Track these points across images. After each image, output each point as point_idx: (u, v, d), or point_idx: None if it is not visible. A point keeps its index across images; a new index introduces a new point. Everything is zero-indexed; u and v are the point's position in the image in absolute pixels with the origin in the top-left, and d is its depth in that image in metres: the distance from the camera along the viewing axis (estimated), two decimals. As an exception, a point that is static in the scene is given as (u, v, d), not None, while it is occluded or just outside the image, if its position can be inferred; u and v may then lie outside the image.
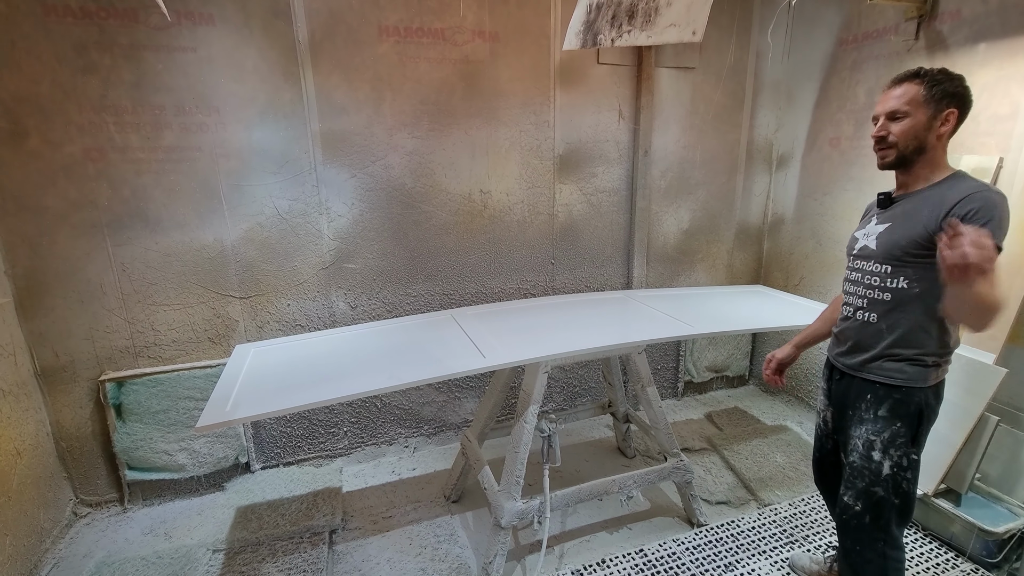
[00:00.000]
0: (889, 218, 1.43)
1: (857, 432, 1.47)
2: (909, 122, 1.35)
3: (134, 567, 2.03)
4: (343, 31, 2.28)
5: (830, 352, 1.62)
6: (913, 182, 1.42)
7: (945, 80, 1.34)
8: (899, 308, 1.39)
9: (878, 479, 1.42)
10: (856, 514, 1.46)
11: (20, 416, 2.04)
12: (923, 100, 1.33)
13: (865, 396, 1.46)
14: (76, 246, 2.12)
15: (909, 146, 1.36)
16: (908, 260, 1.36)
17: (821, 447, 1.73)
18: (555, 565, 2.04)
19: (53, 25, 1.93)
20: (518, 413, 1.95)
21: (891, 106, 1.37)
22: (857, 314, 1.48)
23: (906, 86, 1.36)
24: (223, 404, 1.51)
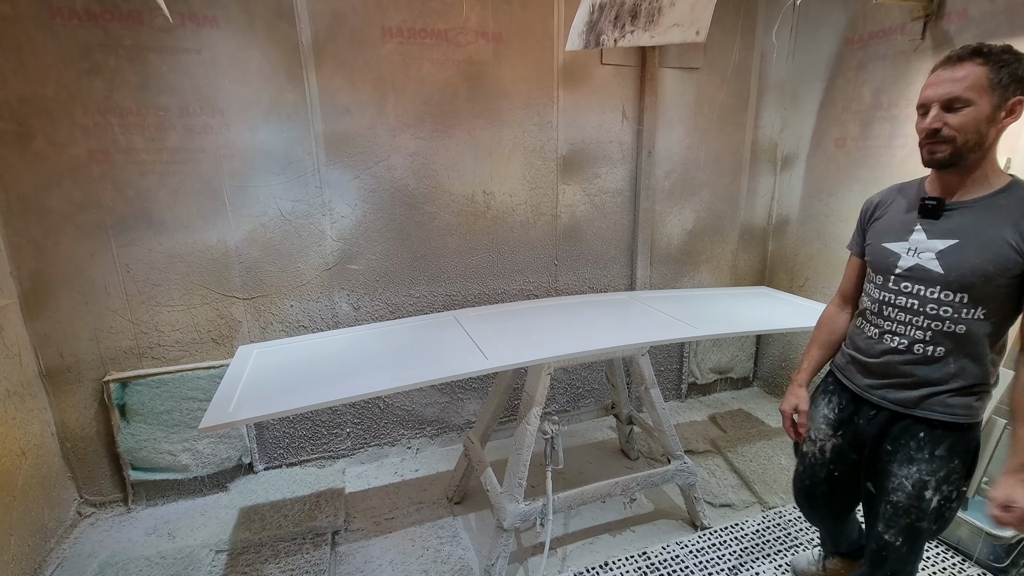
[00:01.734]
0: (950, 233, 1.20)
1: (905, 472, 1.28)
2: (972, 112, 1.11)
3: (137, 567, 2.03)
4: (346, 32, 2.29)
5: (853, 382, 1.42)
6: (968, 187, 1.19)
7: (1014, 61, 1.10)
8: (972, 342, 1.20)
9: (925, 515, 1.27)
10: (895, 548, 1.31)
11: (25, 416, 2.05)
12: (988, 85, 1.10)
13: (917, 435, 1.27)
14: (81, 247, 2.13)
15: (969, 141, 1.13)
16: (991, 289, 1.16)
17: (813, 476, 1.56)
18: (558, 567, 2.03)
19: (58, 27, 1.94)
20: (520, 414, 1.94)
21: (949, 91, 1.12)
22: (915, 347, 1.25)
23: (968, 67, 1.11)
24: (226, 405, 1.51)
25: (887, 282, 1.31)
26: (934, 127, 1.15)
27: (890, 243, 1.30)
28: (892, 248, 1.29)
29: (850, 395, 1.44)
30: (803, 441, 1.56)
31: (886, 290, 1.32)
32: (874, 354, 1.35)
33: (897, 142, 2.51)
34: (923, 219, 1.25)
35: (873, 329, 1.36)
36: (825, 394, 1.52)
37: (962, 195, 1.21)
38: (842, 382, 1.47)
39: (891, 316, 1.31)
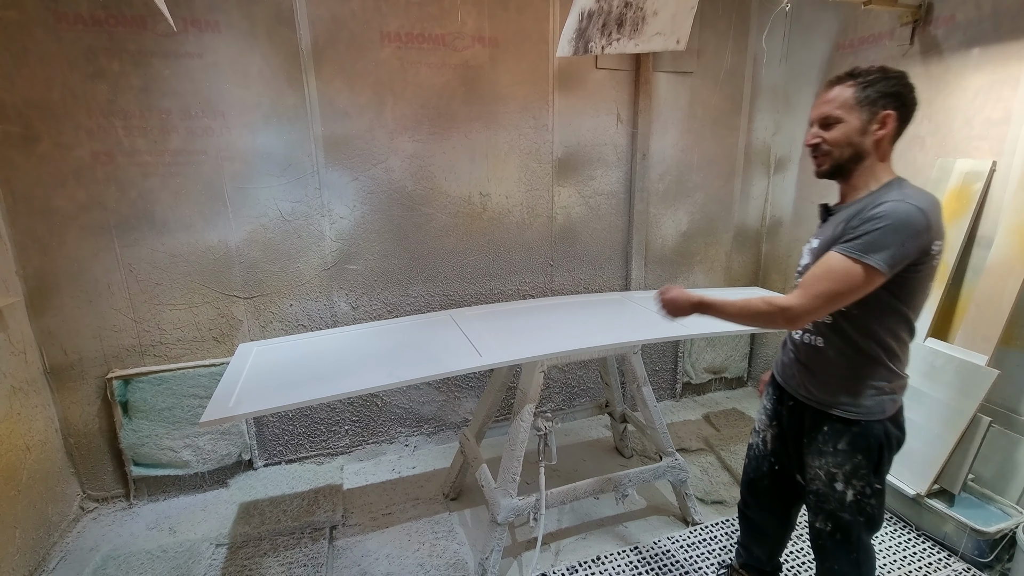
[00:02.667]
0: (822, 232, 1.33)
1: (817, 463, 1.37)
2: (842, 128, 1.23)
3: (139, 560, 2.07)
4: (345, 37, 2.33)
5: (780, 374, 1.51)
6: (852, 192, 1.30)
7: (880, 80, 1.22)
8: (840, 333, 1.30)
9: (843, 506, 1.36)
10: (828, 534, 1.40)
11: (30, 412, 2.10)
12: (855, 103, 1.22)
13: (822, 428, 1.36)
14: (85, 247, 2.17)
15: (844, 154, 1.25)
16: None
17: (756, 468, 1.62)
18: (551, 561, 2.07)
19: (64, 32, 1.99)
20: (515, 411, 1.98)
21: (823, 111, 1.27)
22: (805, 336, 1.39)
23: (838, 89, 1.25)
24: (226, 400, 1.56)
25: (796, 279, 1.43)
26: (812, 143, 1.30)
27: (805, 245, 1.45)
28: (803, 249, 1.44)
29: (778, 385, 1.53)
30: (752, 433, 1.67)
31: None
32: (788, 346, 1.48)
33: (887, 145, 2.55)
34: (820, 223, 1.40)
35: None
36: (767, 387, 1.61)
37: (846, 200, 1.32)
38: (774, 375, 1.57)
39: None
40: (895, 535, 2.17)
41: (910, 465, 2.14)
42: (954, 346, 2.17)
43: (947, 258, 2.24)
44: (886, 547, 2.11)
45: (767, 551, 1.72)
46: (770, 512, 1.65)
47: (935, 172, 2.33)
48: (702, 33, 2.92)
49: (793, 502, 1.61)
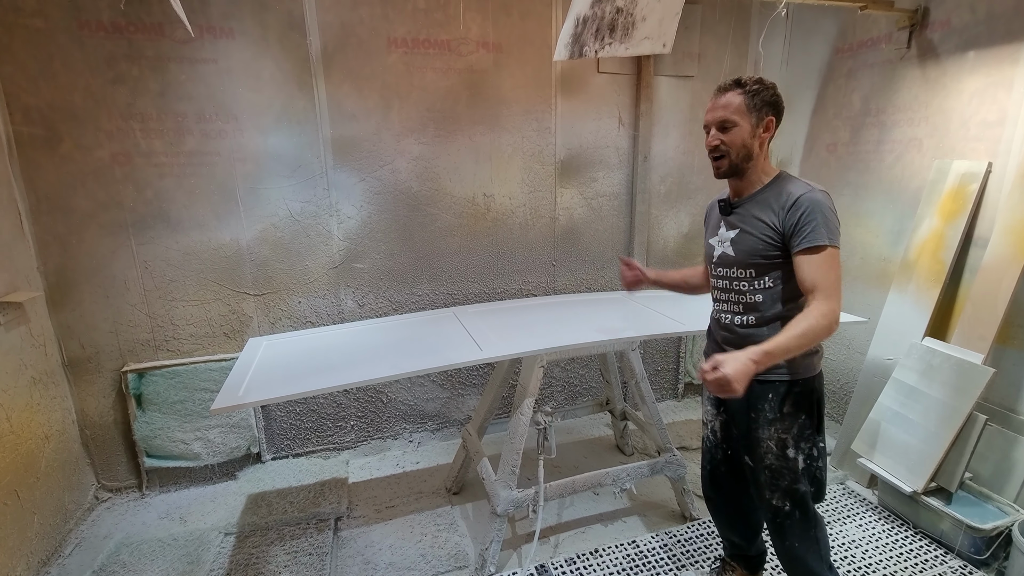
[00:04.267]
0: (736, 223, 1.47)
1: (767, 433, 1.47)
2: (738, 131, 1.39)
3: (150, 548, 2.14)
4: (354, 43, 2.41)
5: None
6: (747, 187, 1.46)
7: (763, 89, 1.38)
8: (772, 307, 1.44)
9: (798, 476, 1.45)
10: (787, 513, 1.48)
11: (48, 403, 2.18)
12: (747, 109, 1.37)
13: (767, 396, 1.46)
14: (103, 244, 2.26)
15: (740, 154, 1.40)
16: (767, 261, 1.41)
17: (712, 459, 1.73)
18: (550, 553, 2.11)
19: (87, 39, 2.09)
20: (515, 406, 2.03)
21: (722, 115, 1.40)
22: (736, 319, 1.50)
23: (730, 96, 1.39)
24: (236, 390, 1.62)
25: (712, 270, 1.57)
26: (714, 144, 1.43)
27: (710, 239, 1.58)
28: (711, 242, 1.57)
29: None
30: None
31: (712, 276, 1.58)
32: (718, 331, 1.59)
33: (885, 147, 2.58)
34: (723, 217, 1.52)
35: (715, 311, 1.61)
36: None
37: (743, 194, 1.48)
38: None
39: (719, 298, 1.57)
40: (891, 533, 2.19)
41: (907, 463, 2.16)
42: (951, 345, 2.19)
43: (944, 257, 2.27)
44: (882, 544, 2.12)
45: (745, 537, 1.78)
46: (735, 499, 1.72)
47: (932, 173, 2.36)
48: (702, 38, 2.97)
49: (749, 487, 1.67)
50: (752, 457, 1.54)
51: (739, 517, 1.76)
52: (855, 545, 2.12)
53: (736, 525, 1.78)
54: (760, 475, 1.52)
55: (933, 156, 2.38)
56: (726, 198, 1.53)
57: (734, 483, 1.69)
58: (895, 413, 2.26)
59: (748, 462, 1.58)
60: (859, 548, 2.10)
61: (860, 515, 2.29)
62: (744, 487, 1.67)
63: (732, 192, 1.53)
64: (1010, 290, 2.03)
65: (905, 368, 2.29)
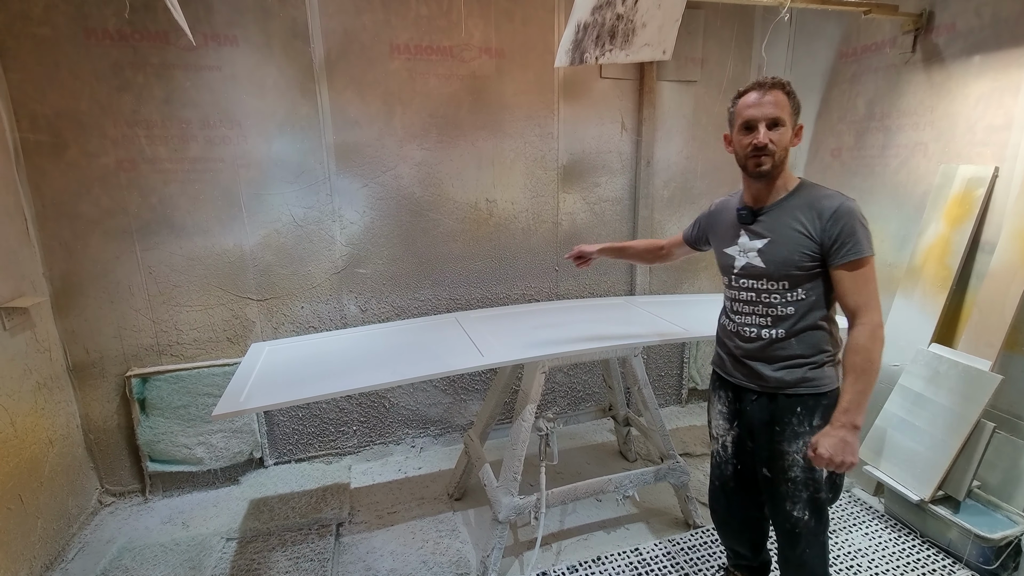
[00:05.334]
0: (763, 232, 1.40)
1: (794, 447, 1.42)
2: (785, 131, 1.33)
3: (152, 552, 2.14)
4: (357, 49, 2.43)
5: (734, 375, 1.54)
6: (772, 193, 1.40)
7: (795, 94, 1.37)
8: (803, 318, 1.40)
9: (820, 486, 1.43)
10: (805, 522, 1.46)
11: (53, 408, 2.19)
12: (791, 111, 1.35)
13: (795, 410, 1.42)
14: (107, 250, 2.28)
15: (781, 155, 1.34)
16: (802, 272, 1.36)
17: (721, 474, 1.67)
18: (552, 561, 2.10)
19: (93, 47, 2.11)
20: (516, 412, 2.02)
21: (774, 112, 1.32)
22: (763, 333, 1.44)
23: (778, 94, 1.33)
24: (238, 395, 1.63)
25: (731, 282, 1.50)
26: (764, 142, 1.32)
27: (727, 248, 1.51)
28: (728, 252, 1.50)
29: (732, 387, 1.57)
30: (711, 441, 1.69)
31: (732, 288, 1.51)
32: (737, 345, 1.52)
33: (890, 152, 2.57)
34: (744, 225, 1.45)
35: (732, 323, 1.53)
36: (714, 391, 1.64)
37: (768, 201, 1.41)
38: (723, 377, 1.60)
39: (740, 310, 1.50)
40: (898, 541, 2.16)
41: (914, 470, 2.13)
42: (958, 351, 2.17)
43: (950, 263, 2.25)
44: (889, 553, 2.10)
45: (752, 548, 1.75)
46: (743, 512, 1.68)
47: (938, 178, 2.34)
48: (705, 43, 2.97)
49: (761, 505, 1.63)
50: (772, 469, 1.49)
51: (747, 530, 1.72)
52: (861, 554, 2.09)
53: (743, 537, 1.74)
54: (781, 487, 1.47)
55: (939, 161, 2.36)
56: (745, 205, 1.45)
57: (744, 496, 1.65)
58: (902, 420, 2.24)
59: (766, 474, 1.52)
60: (865, 557, 2.08)
61: (866, 523, 2.27)
62: (753, 499, 1.63)
63: (751, 198, 1.45)
64: (1018, 296, 2.01)
65: (911, 375, 2.26)
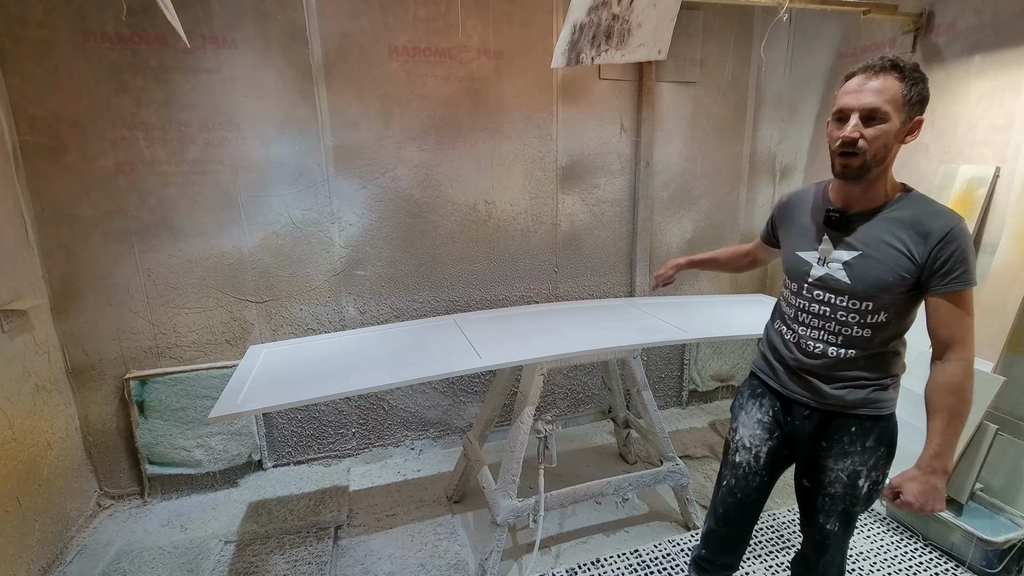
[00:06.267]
0: (854, 244, 1.24)
1: (840, 465, 1.33)
2: (886, 127, 1.13)
3: (151, 555, 2.14)
4: (355, 52, 2.43)
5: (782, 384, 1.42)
6: (868, 199, 1.23)
7: (921, 80, 1.13)
8: (878, 344, 1.27)
9: (858, 501, 1.36)
10: (836, 533, 1.40)
11: (52, 410, 2.19)
12: (902, 101, 1.12)
13: (849, 430, 1.32)
14: (106, 252, 2.28)
15: (878, 155, 1.15)
16: (891, 296, 1.21)
17: (746, 486, 1.48)
18: (551, 564, 2.09)
19: (91, 50, 2.11)
20: (515, 414, 2.02)
21: (872, 102, 1.12)
22: (829, 351, 1.30)
23: (886, 80, 1.13)
24: (235, 397, 1.62)
25: (801, 290, 1.34)
26: (853, 136, 1.14)
27: (802, 252, 1.33)
28: (804, 257, 1.33)
29: (779, 396, 1.44)
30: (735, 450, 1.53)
31: (801, 297, 1.35)
32: (796, 358, 1.37)
33: (891, 152, 2.55)
34: (829, 229, 1.28)
35: (792, 334, 1.38)
36: (754, 398, 1.49)
37: (863, 206, 1.24)
38: (769, 384, 1.46)
39: (806, 322, 1.34)
40: (900, 545, 2.14)
41: (916, 473, 2.11)
42: (959, 353, 2.15)
43: (952, 264, 2.23)
44: (891, 557, 2.08)
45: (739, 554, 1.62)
46: (750, 523, 1.56)
47: (939, 178, 2.32)
48: (705, 44, 2.96)
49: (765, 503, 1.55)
50: (812, 482, 1.41)
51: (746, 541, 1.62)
52: (863, 557, 2.08)
53: (738, 550, 1.62)
54: (817, 500, 1.39)
55: (939, 161, 2.35)
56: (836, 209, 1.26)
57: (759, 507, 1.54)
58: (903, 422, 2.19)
59: (806, 485, 1.43)
60: (867, 560, 2.06)
61: (868, 527, 2.25)
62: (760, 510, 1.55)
63: (841, 200, 1.27)
64: (1020, 297, 1.99)
65: (913, 376, 2.24)
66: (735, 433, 1.52)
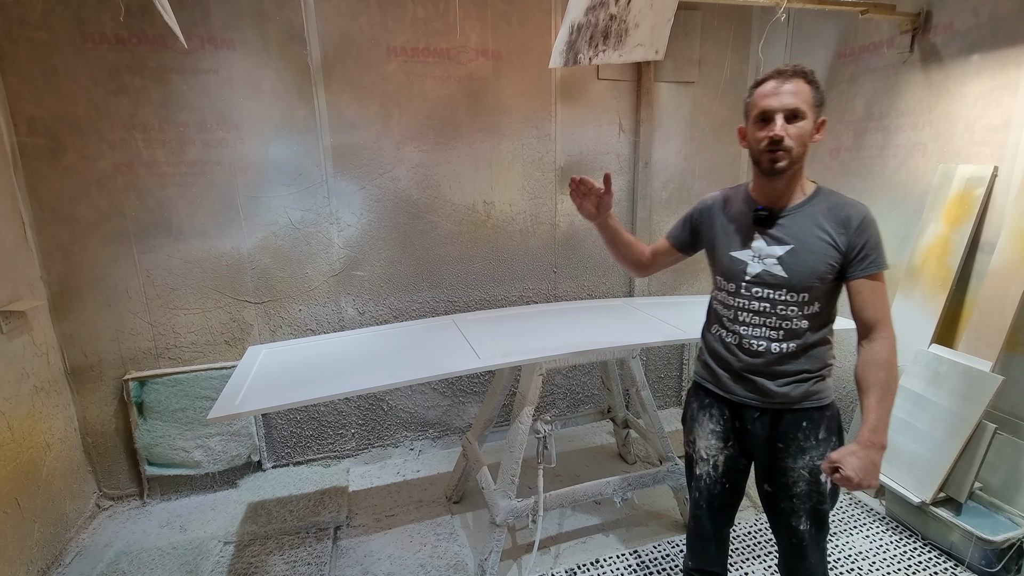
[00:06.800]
0: (784, 238, 1.28)
1: (800, 463, 1.35)
2: (805, 125, 1.21)
3: (150, 556, 2.14)
4: (353, 52, 2.43)
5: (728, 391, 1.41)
6: (789, 196, 1.29)
7: (820, 85, 1.24)
8: (814, 333, 1.31)
9: (824, 498, 1.37)
10: (810, 534, 1.40)
11: (51, 411, 2.19)
12: (813, 102, 1.22)
13: (801, 425, 1.34)
14: (105, 253, 2.28)
15: (800, 152, 1.22)
16: (823, 285, 1.27)
17: (710, 496, 1.50)
18: (550, 564, 2.09)
19: (90, 51, 2.11)
20: (514, 414, 2.02)
21: (794, 103, 1.19)
22: (772, 347, 1.32)
23: (798, 83, 1.20)
24: (233, 398, 1.62)
25: (739, 289, 1.35)
26: (780, 135, 1.20)
27: (736, 252, 1.35)
28: (739, 257, 1.34)
29: (728, 403, 1.43)
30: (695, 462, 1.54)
31: (739, 297, 1.35)
32: (740, 358, 1.37)
33: (889, 152, 2.56)
34: (759, 227, 1.31)
35: (733, 336, 1.38)
36: (703, 409, 1.49)
37: (786, 203, 1.30)
38: (714, 392, 1.45)
39: (748, 321, 1.35)
40: (900, 544, 2.14)
41: (915, 473, 2.12)
42: (958, 352, 2.16)
43: (950, 263, 2.24)
44: (890, 556, 2.08)
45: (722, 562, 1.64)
46: (725, 528, 1.58)
47: (937, 178, 2.33)
48: (703, 43, 2.97)
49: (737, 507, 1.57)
50: (774, 486, 1.41)
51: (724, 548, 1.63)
52: (862, 557, 2.08)
53: (721, 558, 1.63)
54: (783, 503, 1.40)
55: (938, 160, 2.35)
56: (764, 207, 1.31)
57: (728, 514, 1.57)
58: (902, 422, 2.22)
59: (767, 490, 1.44)
60: (866, 560, 2.06)
61: (867, 526, 2.25)
62: (731, 516, 1.57)
63: (766, 198, 1.32)
64: (1018, 296, 1.99)
65: (912, 376, 2.25)
66: (693, 446, 1.53)
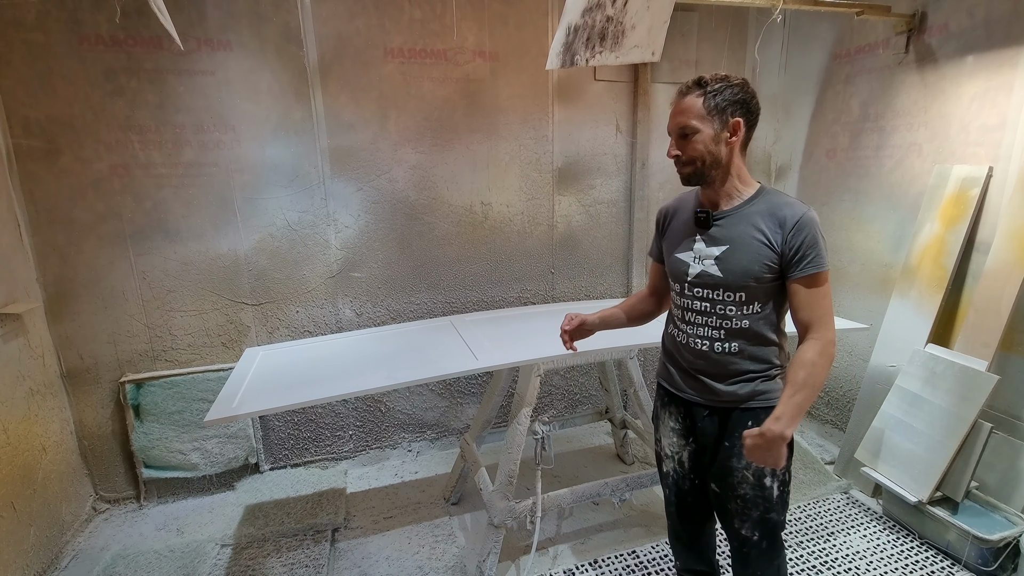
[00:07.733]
0: (721, 239, 1.32)
1: (744, 463, 1.35)
2: (700, 137, 1.26)
3: (147, 560, 2.13)
4: (351, 54, 2.43)
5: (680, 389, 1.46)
6: (724, 198, 1.33)
7: (726, 88, 1.25)
8: (758, 332, 1.33)
9: (772, 505, 1.36)
10: (755, 543, 1.39)
11: (46, 414, 2.18)
12: (706, 112, 1.25)
13: (747, 424, 1.33)
14: (101, 255, 2.27)
15: (706, 161, 1.27)
16: (759, 284, 1.29)
17: (679, 491, 1.55)
18: (548, 565, 2.09)
19: (86, 53, 2.11)
20: (512, 415, 2.02)
21: (679, 122, 1.27)
22: (715, 346, 1.35)
23: (689, 99, 1.26)
24: (230, 401, 1.62)
25: (684, 289, 1.39)
26: (675, 154, 1.30)
27: (680, 253, 1.39)
28: (682, 258, 1.38)
29: (682, 402, 1.47)
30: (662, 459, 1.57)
31: (684, 297, 1.39)
32: (687, 357, 1.42)
33: (885, 152, 2.57)
34: (699, 229, 1.36)
35: (682, 334, 1.42)
36: (664, 408, 1.54)
37: (724, 205, 1.34)
38: (670, 391, 1.50)
39: (692, 320, 1.39)
40: (896, 543, 2.15)
41: (911, 472, 2.12)
42: (954, 352, 2.16)
43: (946, 263, 2.25)
44: (887, 555, 2.09)
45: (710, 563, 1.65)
46: (702, 526, 1.59)
47: (932, 178, 2.34)
48: (699, 45, 2.98)
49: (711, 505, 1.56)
50: (721, 486, 1.42)
51: (707, 547, 1.64)
52: (859, 556, 2.08)
53: (704, 556, 1.65)
54: (730, 504, 1.41)
55: (933, 161, 2.36)
56: (703, 209, 1.36)
57: (702, 512, 1.57)
58: (899, 421, 2.23)
59: (715, 490, 1.45)
60: (863, 559, 2.07)
61: (864, 525, 2.26)
62: (710, 513, 1.57)
63: (706, 201, 1.37)
64: (1013, 296, 2.01)
65: (908, 375, 2.26)
66: (659, 444, 1.58)
